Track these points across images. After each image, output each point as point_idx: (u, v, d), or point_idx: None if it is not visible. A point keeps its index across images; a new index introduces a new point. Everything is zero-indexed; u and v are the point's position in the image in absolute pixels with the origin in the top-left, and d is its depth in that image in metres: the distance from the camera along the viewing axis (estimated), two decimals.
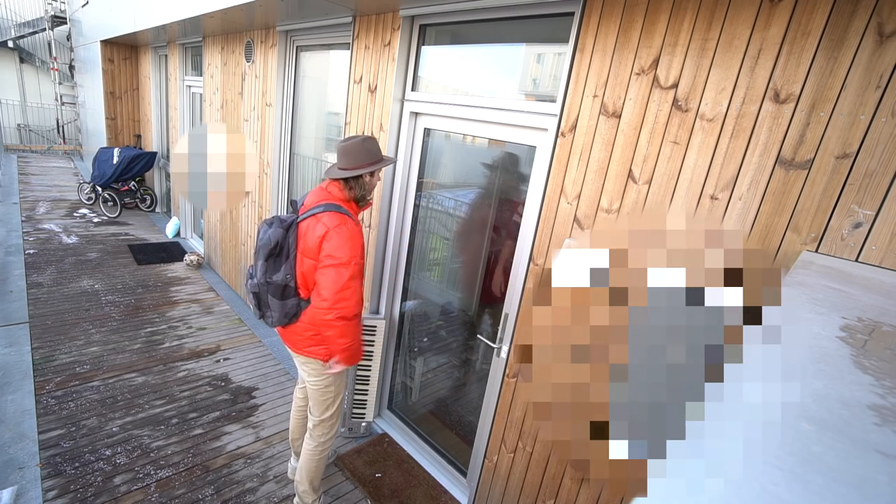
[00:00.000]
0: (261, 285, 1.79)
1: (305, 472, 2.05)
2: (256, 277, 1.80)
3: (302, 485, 2.07)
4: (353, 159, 1.81)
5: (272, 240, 1.73)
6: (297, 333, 1.87)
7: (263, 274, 1.78)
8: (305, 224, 1.77)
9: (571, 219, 1.69)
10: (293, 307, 1.83)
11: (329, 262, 1.68)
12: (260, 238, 1.77)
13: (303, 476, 2.06)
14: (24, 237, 5.27)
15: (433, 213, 2.74)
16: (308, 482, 2.06)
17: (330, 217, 1.73)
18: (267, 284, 1.78)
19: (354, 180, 1.84)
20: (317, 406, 1.99)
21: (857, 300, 0.79)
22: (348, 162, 1.82)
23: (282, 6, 2.80)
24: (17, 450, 2.32)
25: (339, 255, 1.68)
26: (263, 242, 1.75)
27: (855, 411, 0.41)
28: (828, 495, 0.31)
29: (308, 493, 2.08)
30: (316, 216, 1.76)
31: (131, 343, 3.46)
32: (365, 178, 1.85)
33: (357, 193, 1.86)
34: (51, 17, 11.27)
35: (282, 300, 1.79)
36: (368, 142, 1.84)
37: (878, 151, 1.08)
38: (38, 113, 12.22)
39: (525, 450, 1.94)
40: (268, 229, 1.77)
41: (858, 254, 1.12)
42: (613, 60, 1.52)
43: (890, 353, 0.57)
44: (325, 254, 1.69)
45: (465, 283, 2.72)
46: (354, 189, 1.85)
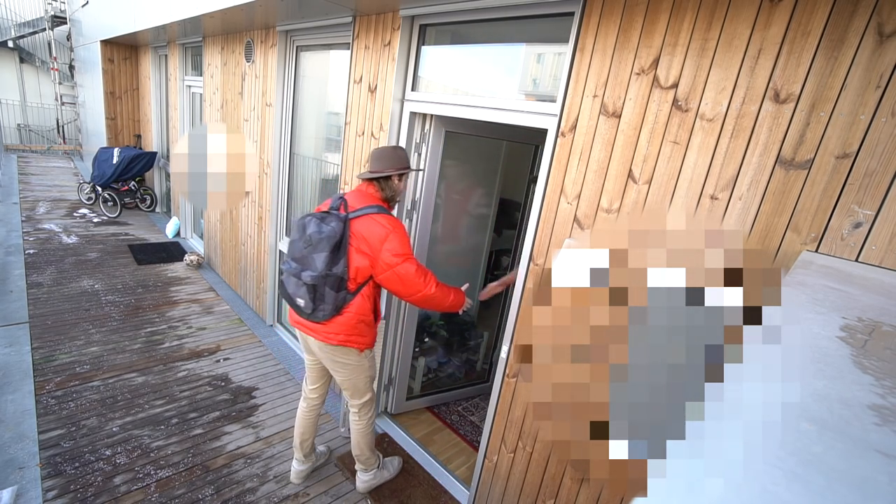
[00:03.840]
0: (321, 277, 1.82)
1: (364, 444, 2.30)
2: (316, 270, 1.82)
3: (364, 454, 2.32)
4: (383, 163, 1.97)
5: (336, 232, 1.81)
6: (339, 325, 1.94)
7: (325, 265, 1.81)
8: (359, 222, 1.87)
9: (571, 219, 1.69)
10: (342, 299, 1.90)
11: (400, 260, 1.86)
12: (315, 231, 1.82)
13: (363, 447, 2.30)
14: (24, 237, 5.27)
15: (434, 213, 2.73)
16: (368, 449, 2.33)
17: (385, 219, 1.88)
18: (327, 276, 1.83)
19: (385, 181, 1.98)
20: (357, 392, 2.17)
21: (857, 300, 0.79)
22: (380, 165, 1.97)
23: (282, 6, 2.80)
24: (17, 450, 2.32)
25: (405, 251, 1.88)
26: (326, 234, 1.80)
27: (855, 411, 0.41)
28: (828, 495, 0.31)
29: (370, 457, 2.35)
30: (370, 216, 1.88)
31: (131, 343, 3.46)
32: (394, 181, 2.00)
33: (387, 194, 2.00)
34: (51, 17, 11.27)
35: (336, 292, 1.87)
36: (398, 150, 2.02)
37: (878, 151, 1.08)
38: (38, 113, 12.22)
39: (525, 450, 1.94)
40: (321, 223, 1.83)
41: (858, 254, 1.12)
42: (613, 60, 1.52)
43: (890, 353, 0.57)
44: (393, 254, 1.85)
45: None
46: (385, 190, 1.99)
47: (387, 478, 2.47)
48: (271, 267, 3.91)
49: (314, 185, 3.61)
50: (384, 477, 2.46)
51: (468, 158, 3.49)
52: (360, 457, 2.34)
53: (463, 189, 3.54)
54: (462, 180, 3.50)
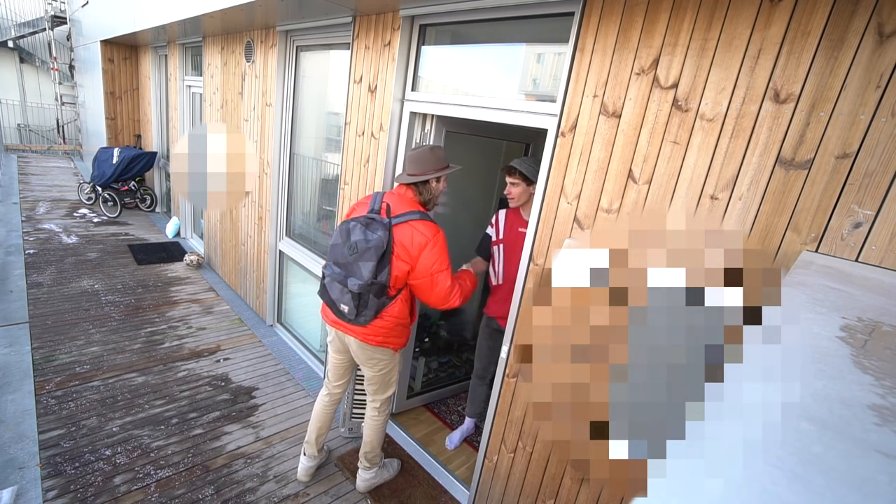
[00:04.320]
0: (367, 285, 1.82)
1: (377, 440, 2.32)
2: (362, 279, 1.82)
3: (374, 451, 2.33)
4: (421, 166, 1.93)
5: (383, 241, 1.80)
6: (378, 328, 1.96)
7: (372, 274, 1.81)
8: (400, 229, 1.85)
9: (571, 219, 1.68)
10: (383, 305, 1.92)
11: (436, 269, 1.87)
12: (360, 238, 1.81)
13: (375, 444, 2.32)
14: (24, 237, 5.27)
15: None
16: (378, 445, 2.34)
17: (426, 227, 1.86)
18: (372, 284, 1.83)
19: (423, 185, 1.96)
20: (382, 388, 2.20)
21: (857, 300, 0.79)
22: (417, 168, 1.93)
23: (282, 6, 2.80)
24: (17, 450, 2.32)
25: (442, 262, 1.87)
26: (375, 244, 1.79)
27: (855, 411, 0.41)
28: (828, 495, 0.31)
29: (377, 455, 2.37)
30: (410, 223, 1.85)
31: (131, 343, 3.46)
32: (432, 184, 1.98)
33: (425, 198, 1.98)
34: (51, 17, 11.27)
35: (379, 298, 1.88)
36: (435, 150, 1.97)
37: (878, 151, 1.08)
38: (38, 113, 12.22)
39: (525, 450, 1.94)
40: (365, 230, 1.82)
41: (858, 254, 1.12)
42: (613, 60, 1.52)
43: (890, 353, 0.57)
44: (429, 264, 1.85)
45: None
46: (423, 194, 1.97)
47: (387, 478, 2.47)
48: (271, 267, 3.91)
49: (314, 185, 3.61)
50: (384, 477, 2.46)
51: (468, 158, 3.49)
52: (369, 454, 2.34)
53: (463, 188, 3.54)
54: (462, 180, 3.50)
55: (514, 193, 2.30)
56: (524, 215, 2.35)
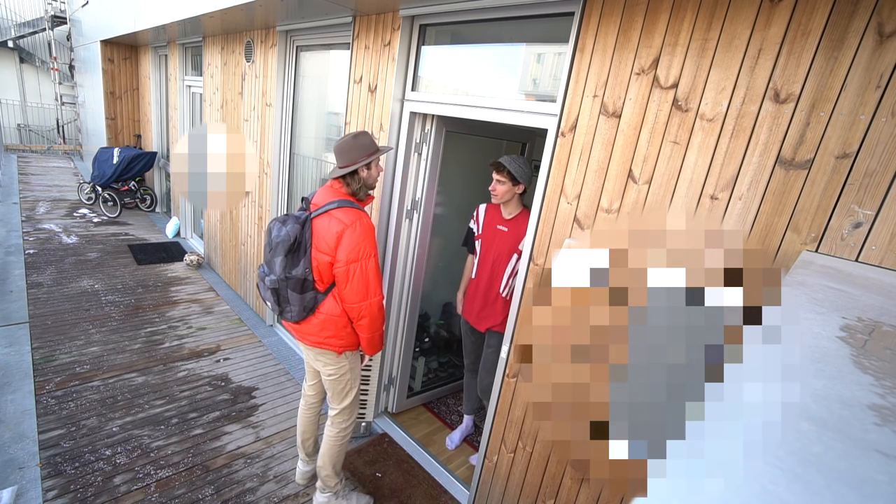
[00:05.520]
0: (280, 281, 1.83)
1: (328, 457, 2.13)
2: (275, 273, 1.83)
3: (325, 469, 2.15)
4: (347, 156, 1.88)
5: (290, 235, 1.79)
6: (314, 326, 1.92)
7: (283, 269, 1.81)
8: (319, 221, 1.84)
9: (571, 219, 1.68)
10: (311, 300, 1.88)
11: (349, 264, 1.79)
12: (275, 235, 1.82)
13: (326, 461, 2.14)
14: (24, 237, 5.27)
15: (435, 213, 2.74)
16: (331, 467, 2.15)
17: (344, 213, 1.81)
18: (286, 279, 1.83)
19: (350, 176, 1.90)
20: (335, 395, 2.08)
21: (857, 300, 0.79)
22: (344, 160, 1.89)
23: (282, 6, 2.80)
24: (17, 450, 2.32)
25: (358, 255, 1.79)
26: (282, 238, 1.79)
27: (855, 411, 0.41)
28: (828, 495, 0.31)
29: (331, 476, 2.16)
30: (329, 213, 1.83)
31: (131, 343, 3.46)
32: (360, 172, 1.91)
33: (353, 188, 1.91)
34: (51, 17, 11.26)
35: (301, 294, 1.85)
36: (360, 137, 1.91)
37: (878, 151, 1.08)
38: (38, 113, 12.22)
39: (525, 450, 1.94)
40: (282, 226, 1.82)
41: (858, 254, 1.12)
42: (613, 60, 1.52)
43: (890, 353, 0.57)
44: (345, 254, 1.78)
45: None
46: (351, 184, 1.91)
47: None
48: None
49: (314, 185, 3.61)
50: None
51: (468, 158, 3.49)
52: (321, 471, 2.15)
53: (462, 188, 3.53)
54: (462, 179, 3.50)
55: (499, 191, 2.26)
56: (504, 213, 2.35)
